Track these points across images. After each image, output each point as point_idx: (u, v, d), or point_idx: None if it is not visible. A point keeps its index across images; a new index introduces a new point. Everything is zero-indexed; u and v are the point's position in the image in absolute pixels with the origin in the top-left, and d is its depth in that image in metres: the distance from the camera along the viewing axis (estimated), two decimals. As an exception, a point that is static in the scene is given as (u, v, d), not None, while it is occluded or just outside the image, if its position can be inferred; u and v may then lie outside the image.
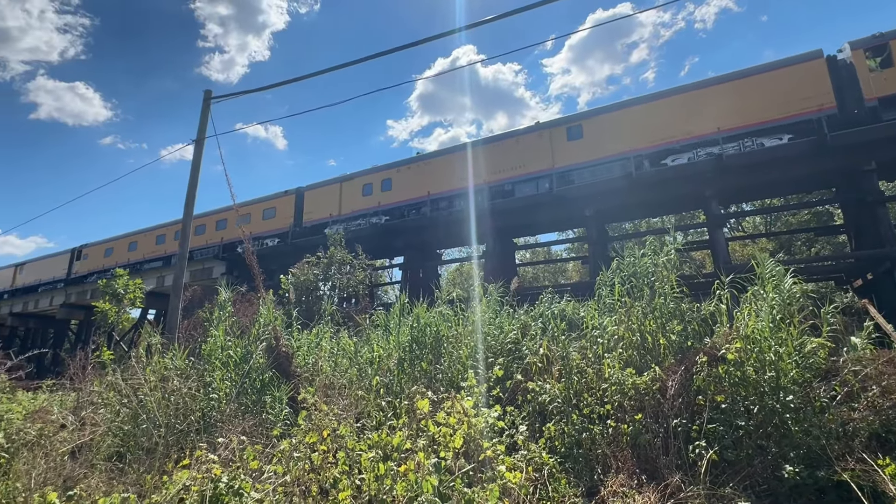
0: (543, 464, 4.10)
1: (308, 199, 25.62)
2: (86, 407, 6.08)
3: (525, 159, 19.85)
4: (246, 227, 26.48)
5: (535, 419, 5.22)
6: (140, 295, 8.22)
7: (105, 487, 4.14)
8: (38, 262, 38.86)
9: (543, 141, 19.73)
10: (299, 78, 11.20)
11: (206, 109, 10.31)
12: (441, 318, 6.48)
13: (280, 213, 26.34)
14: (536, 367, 5.90)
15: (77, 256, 35.73)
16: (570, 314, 6.75)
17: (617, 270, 6.42)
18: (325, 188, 25.27)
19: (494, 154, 20.66)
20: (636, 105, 18.57)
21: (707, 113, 16.75)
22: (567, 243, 36.59)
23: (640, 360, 5.64)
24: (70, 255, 36.07)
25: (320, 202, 25.00)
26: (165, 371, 6.09)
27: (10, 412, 5.77)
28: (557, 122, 20.02)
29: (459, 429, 3.51)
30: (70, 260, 35.87)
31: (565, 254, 40.12)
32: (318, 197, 25.23)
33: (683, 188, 16.73)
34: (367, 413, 5.13)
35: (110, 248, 33.98)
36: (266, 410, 5.65)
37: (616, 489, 4.03)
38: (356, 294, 15.09)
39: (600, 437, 4.70)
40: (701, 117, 16.79)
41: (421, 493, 2.80)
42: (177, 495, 3.11)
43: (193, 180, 10.09)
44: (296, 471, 3.17)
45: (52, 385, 8.87)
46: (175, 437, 5.09)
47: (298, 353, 6.91)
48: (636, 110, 18.31)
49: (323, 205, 24.84)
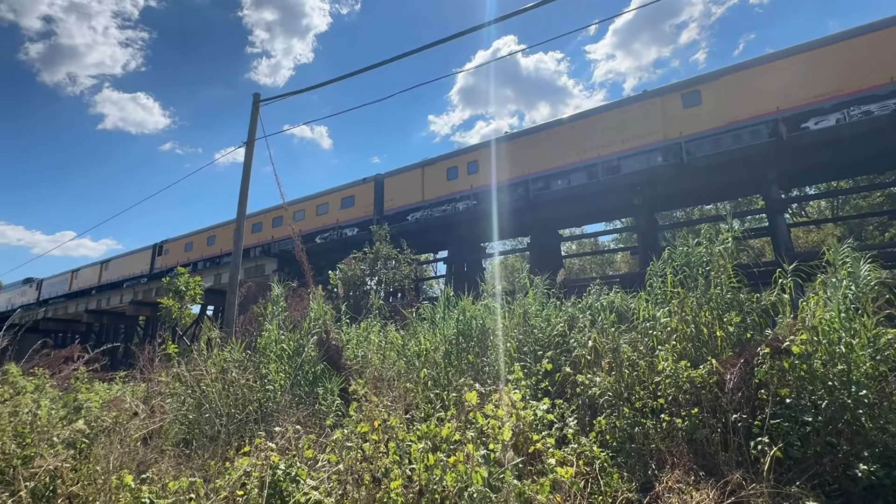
0: (594, 458, 4.02)
1: (388, 186, 24.81)
2: (155, 396, 6.48)
3: (630, 132, 17.76)
4: (323, 217, 26.58)
5: (585, 413, 5.13)
6: (199, 292, 8.68)
7: (174, 472, 4.40)
8: (121, 258, 40.11)
9: (654, 110, 17.56)
10: (342, 77, 11.41)
11: (256, 112, 10.69)
12: (487, 311, 6.47)
13: (359, 202, 25.68)
14: (585, 360, 5.79)
15: (158, 252, 36.50)
16: (619, 306, 6.57)
17: (669, 260, 6.19)
18: (405, 174, 24.36)
19: (594, 128, 18.69)
20: (766, 63, 16.01)
21: (875, 62, 14.07)
22: (615, 233, 35.58)
23: (694, 353, 5.42)
24: (152, 250, 36.91)
25: (401, 189, 24.12)
26: (224, 363, 6.40)
27: (88, 401, 6.21)
28: (670, 88, 17.78)
29: (508, 421, 3.49)
30: (152, 256, 36.66)
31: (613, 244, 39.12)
32: (399, 183, 24.34)
33: (740, 172, 15.88)
34: (415, 405, 5.21)
35: (190, 242, 34.32)
36: (318, 401, 5.83)
37: (672, 485, 3.91)
38: (402, 288, 15.29)
39: (653, 431, 4.56)
40: (867, 67, 14.09)
41: (471, 485, 2.82)
42: (239, 480, 3.27)
43: (245, 180, 10.50)
44: (348, 460, 3.26)
45: (125, 376, 9.50)
46: (235, 425, 5.35)
47: (348, 346, 7.09)
48: (767, 68, 15.79)
49: (404, 191, 23.93)
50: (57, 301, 43.94)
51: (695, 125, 16.60)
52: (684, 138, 16.50)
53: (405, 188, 23.96)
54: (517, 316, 6.53)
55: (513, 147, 20.99)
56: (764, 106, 15.43)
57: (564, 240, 27.56)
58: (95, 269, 41.94)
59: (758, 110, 15.50)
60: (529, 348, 6.32)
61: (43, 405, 5.38)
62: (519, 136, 21.44)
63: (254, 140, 10.36)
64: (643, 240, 17.34)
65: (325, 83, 11.67)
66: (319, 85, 11.97)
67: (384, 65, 11.21)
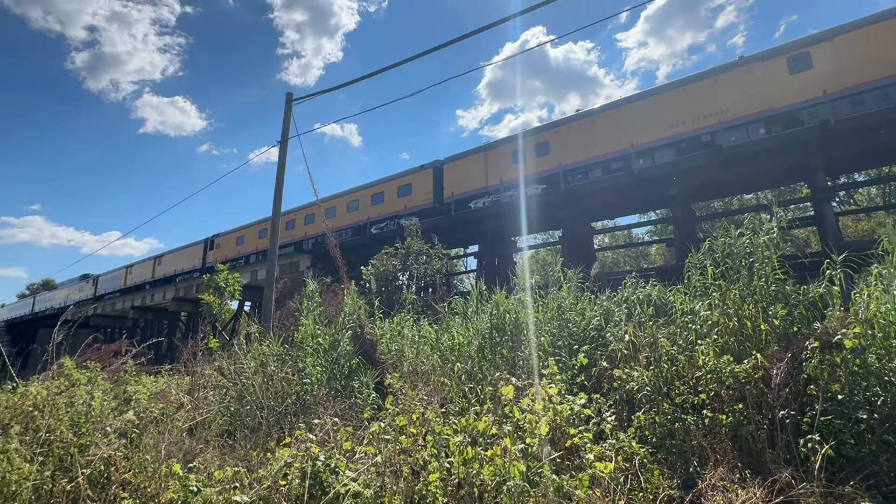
0: (633, 454, 3.95)
1: (448, 173, 23.69)
2: (198, 389, 6.72)
3: (725, 104, 16.01)
4: (380, 207, 25.75)
5: (623, 408, 5.04)
6: (238, 288, 8.95)
7: (218, 461, 4.56)
8: (174, 253, 40.53)
9: (753, 78, 15.81)
10: (371, 74, 11.49)
11: (289, 111, 10.88)
12: (520, 305, 6.42)
13: (417, 190, 24.62)
14: (622, 355, 5.68)
15: (210, 246, 36.52)
16: (657, 299, 6.41)
17: (709, 251, 5.99)
18: (466, 159, 23.21)
19: (682, 100, 17.03)
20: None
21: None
22: (649, 225, 34.71)
23: (737, 347, 5.25)
24: (204, 245, 37.08)
25: (463, 175, 22.92)
26: (264, 357, 6.57)
27: (137, 393, 6.49)
28: (774, 52, 16.02)
29: (545, 416, 3.46)
30: (204, 250, 36.81)
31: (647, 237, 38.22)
32: (460, 169, 23.18)
33: (783, 160, 15.21)
34: (449, 399, 5.22)
35: (241, 236, 33.96)
36: (354, 395, 5.92)
37: (715, 483, 3.80)
38: (433, 283, 15.35)
39: (695, 427, 4.44)
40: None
41: (509, 479, 2.81)
42: (280, 471, 3.35)
43: (280, 178, 10.73)
44: (387, 452, 3.30)
45: (169, 370, 9.88)
46: (275, 417, 5.50)
47: (382, 340, 7.17)
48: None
49: (466, 177, 22.70)
50: (112, 296, 45.52)
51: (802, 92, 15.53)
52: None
53: (467, 174, 22.74)
54: (551, 310, 6.46)
55: (584, 127, 19.22)
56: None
57: (596, 232, 26.99)
58: (149, 265, 42.85)
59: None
60: (564, 342, 6.25)
61: (96, 396, 5.64)
62: (595, 112, 19.65)
63: (287, 139, 10.56)
64: (679, 231, 16.86)
65: (355, 80, 11.78)
66: (350, 82, 12.09)
67: (412, 60, 11.24)
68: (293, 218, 30.30)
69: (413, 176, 25.14)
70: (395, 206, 25.17)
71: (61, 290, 55.33)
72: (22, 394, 5.43)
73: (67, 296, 52.61)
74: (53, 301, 54.06)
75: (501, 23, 10.40)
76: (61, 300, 52.59)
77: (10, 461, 4.02)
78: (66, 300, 51.62)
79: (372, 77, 11.81)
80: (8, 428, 4.70)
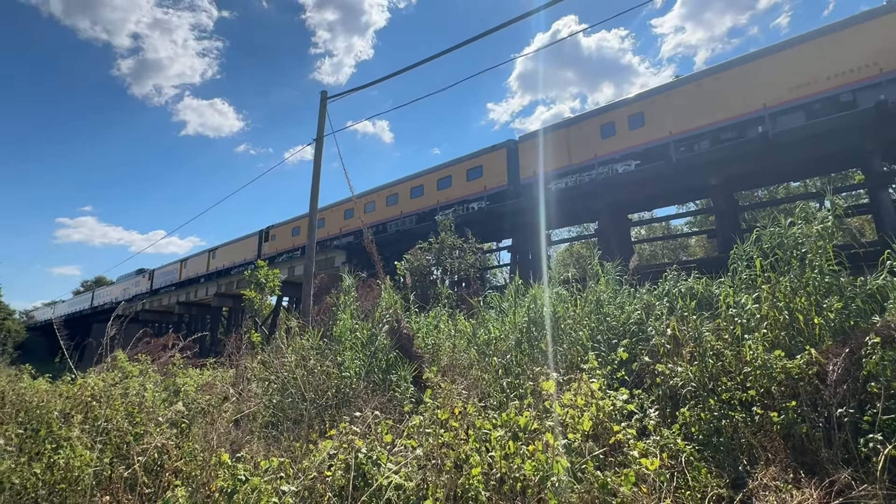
0: (679, 451, 3.84)
1: (524, 152, 21.84)
2: (242, 382, 6.93)
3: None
4: (447, 191, 24.49)
5: (666, 404, 4.91)
6: (278, 283, 9.18)
7: (263, 452, 4.70)
8: (228, 246, 39.80)
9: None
10: (403, 70, 11.53)
11: (323, 109, 11.05)
12: (558, 299, 6.34)
13: (488, 172, 22.94)
14: (664, 349, 5.53)
15: (265, 238, 35.66)
16: (701, 292, 6.20)
17: (757, 242, 5.75)
18: (546, 137, 21.33)
19: (809, 56, 14.86)
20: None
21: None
22: (688, 216, 33.61)
23: (789, 342, 5.02)
24: (258, 237, 36.15)
25: (542, 153, 20.99)
26: (304, 351, 6.72)
27: (185, 385, 6.75)
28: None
29: (587, 411, 3.40)
30: (259, 242, 35.94)
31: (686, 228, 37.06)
32: (538, 147, 21.24)
33: (834, 145, 14.42)
34: (487, 393, 5.21)
35: (297, 227, 32.82)
36: (392, 388, 5.99)
37: (767, 482, 3.66)
38: (467, 277, 15.34)
39: (743, 425, 4.29)
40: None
41: (552, 474, 2.77)
42: (324, 462, 3.42)
43: (316, 174, 10.91)
44: (427, 445, 3.32)
45: (214, 362, 10.23)
46: (316, 409, 5.62)
47: (418, 335, 7.22)
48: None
49: (545, 156, 20.85)
50: (168, 289, 46.40)
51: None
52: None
53: (546, 152, 20.81)
54: (590, 303, 6.34)
55: (686, 93, 17.16)
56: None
57: (634, 224, 26.31)
58: (203, 258, 42.63)
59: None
60: (602, 337, 6.13)
61: (148, 388, 5.90)
62: (696, 77, 17.76)
63: (323, 136, 10.73)
64: (722, 222, 16.26)
65: (387, 77, 11.85)
66: (382, 79, 12.17)
67: (442, 55, 11.21)
68: (351, 206, 29.02)
69: (485, 157, 23.49)
70: (465, 190, 23.67)
71: (118, 284, 57.07)
72: (81, 385, 5.73)
73: (124, 290, 54.05)
74: (112, 295, 55.74)
75: (531, 14, 10.24)
76: (119, 294, 54.20)
77: (72, 448, 4.25)
78: (124, 294, 53.13)
79: (403, 73, 11.86)
80: (70, 417, 4.96)
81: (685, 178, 17.11)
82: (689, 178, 17.02)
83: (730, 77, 16.54)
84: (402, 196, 26.73)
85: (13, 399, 5.56)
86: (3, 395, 5.69)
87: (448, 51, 11.18)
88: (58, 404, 5.42)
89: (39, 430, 4.75)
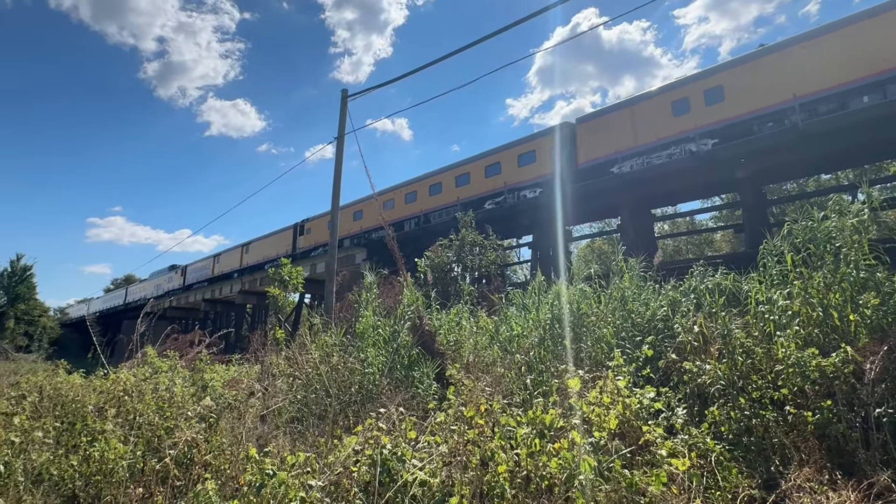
0: (708, 450, 3.76)
1: (583, 134, 20.27)
2: (267, 378, 7.04)
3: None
4: (493, 180, 23.01)
5: (693, 402, 4.81)
6: (301, 281, 9.30)
7: (289, 447, 4.76)
8: (262, 241, 38.89)
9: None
10: (422, 67, 11.53)
11: (344, 107, 11.12)
12: (582, 296, 6.26)
13: (542, 157, 21.13)
14: (691, 346, 5.42)
15: (300, 232, 34.76)
16: (730, 288, 6.06)
17: (789, 236, 5.58)
18: (607, 117, 19.76)
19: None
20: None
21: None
22: (714, 211, 32.89)
23: (823, 339, 4.87)
24: (293, 230, 35.23)
25: (602, 135, 19.49)
26: (327, 348, 6.79)
27: (212, 380, 6.90)
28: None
29: (614, 409, 3.36)
30: (293, 236, 35.03)
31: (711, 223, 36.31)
32: (599, 129, 19.72)
33: (869, 134, 13.90)
34: (511, 391, 5.18)
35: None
36: (415, 385, 6.01)
37: (801, 483, 3.55)
38: (488, 274, 15.30)
39: (775, 424, 4.17)
40: None
41: (579, 473, 2.74)
42: (350, 458, 3.45)
43: (338, 172, 11.00)
44: (452, 442, 3.31)
45: (239, 359, 10.43)
46: (340, 405, 5.67)
47: (439, 331, 7.22)
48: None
49: (607, 137, 19.27)
50: (201, 285, 46.20)
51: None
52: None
53: (608, 133, 19.29)
54: (614, 300, 6.25)
55: (774, 62, 15.45)
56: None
57: (657, 220, 25.86)
58: (236, 253, 42.06)
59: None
60: (627, 334, 6.04)
61: (177, 383, 6.03)
62: (786, 43, 15.89)
63: (344, 133, 10.80)
64: (749, 216, 15.86)
65: (407, 74, 11.86)
66: (402, 76, 12.19)
67: (461, 52, 11.17)
68: (391, 197, 28.04)
69: (537, 141, 21.71)
70: (516, 177, 22.00)
71: (150, 280, 57.44)
72: (113, 380, 5.89)
73: (157, 286, 54.30)
74: (144, 291, 56.27)
75: (550, 8, 10.13)
76: (151, 291, 54.61)
77: (107, 441, 4.38)
78: (156, 290, 53.43)
79: (422, 70, 11.85)
80: (104, 411, 5.11)
81: (710, 172, 16.73)
82: (714, 171, 16.64)
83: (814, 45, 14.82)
84: (447, 185, 25.21)
85: (50, 393, 5.75)
86: (41, 389, 5.89)
87: (466, 47, 11.14)
88: (92, 398, 5.58)
89: (75, 423, 4.90)
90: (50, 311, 72.42)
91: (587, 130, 20.24)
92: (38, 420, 5.04)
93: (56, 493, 4.11)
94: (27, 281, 63.24)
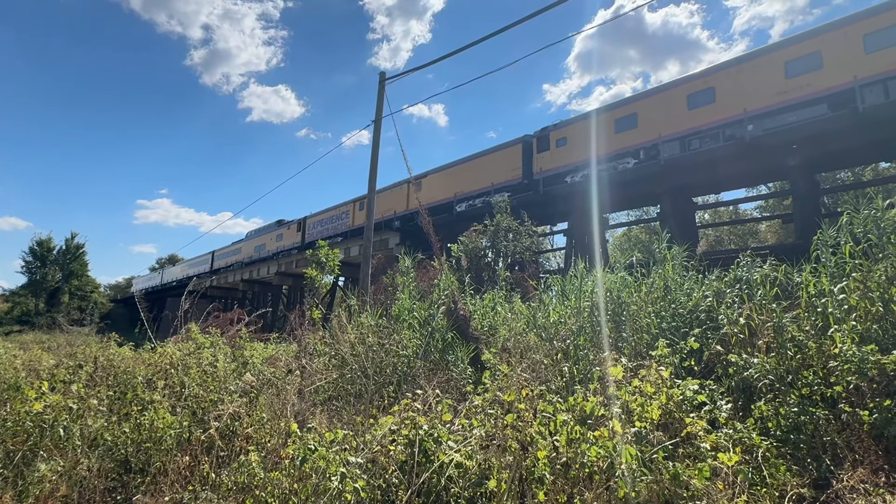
0: (755, 446, 3.62)
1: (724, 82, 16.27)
2: (304, 356, 7.21)
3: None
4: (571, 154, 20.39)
5: (738, 396, 4.65)
6: (337, 263, 9.43)
7: (326, 424, 4.87)
8: (321, 215, 37.93)
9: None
10: (460, 49, 11.37)
11: (382, 90, 11.11)
12: (623, 284, 6.11)
13: (643, 122, 18.13)
14: (737, 339, 5.22)
15: (362, 208, 32.23)
16: (781, 279, 5.79)
17: (848, 226, 5.27)
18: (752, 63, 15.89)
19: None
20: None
21: None
22: (760, 200, 31.48)
23: (882, 335, 4.60)
24: (352, 206, 34.26)
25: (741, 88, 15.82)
26: (363, 329, 6.88)
27: (252, 357, 7.11)
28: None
29: (657, 399, 3.26)
30: (352, 211, 34.04)
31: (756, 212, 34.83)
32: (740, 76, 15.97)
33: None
34: (547, 377, 5.13)
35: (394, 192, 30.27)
36: (449, 368, 6.03)
37: (855, 485, 3.39)
38: (522, 260, 15.15)
39: (826, 422, 3.99)
40: None
41: (620, 462, 2.68)
42: (386, 437, 3.49)
43: (374, 155, 11.05)
44: (489, 426, 3.30)
45: (277, 337, 10.71)
46: (375, 386, 5.75)
47: (474, 316, 7.21)
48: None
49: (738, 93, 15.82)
50: (267, 258, 43.62)
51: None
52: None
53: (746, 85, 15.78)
54: (657, 289, 6.08)
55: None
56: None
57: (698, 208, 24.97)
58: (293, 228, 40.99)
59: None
60: (667, 324, 5.87)
61: (220, 359, 6.24)
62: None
63: (381, 116, 10.81)
64: (801, 205, 15.10)
65: (445, 56, 11.72)
66: (440, 59, 12.05)
67: (499, 34, 10.95)
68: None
69: (639, 103, 18.65)
70: (616, 144, 19.17)
71: (222, 258, 54.13)
72: (161, 353, 6.15)
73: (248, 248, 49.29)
74: (226, 258, 53.06)
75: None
76: (232, 257, 51.29)
77: (156, 411, 4.58)
78: (257, 251, 48.26)
79: (460, 53, 11.69)
80: (152, 382, 5.34)
81: (758, 159, 15.94)
82: (762, 159, 15.85)
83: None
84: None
85: (104, 364, 6.05)
86: (95, 360, 6.20)
87: (503, 29, 10.91)
88: (141, 370, 5.85)
89: (126, 392, 5.14)
90: (101, 288, 76.21)
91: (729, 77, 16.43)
92: (92, 388, 5.32)
93: (110, 457, 4.33)
94: (80, 258, 66.65)
